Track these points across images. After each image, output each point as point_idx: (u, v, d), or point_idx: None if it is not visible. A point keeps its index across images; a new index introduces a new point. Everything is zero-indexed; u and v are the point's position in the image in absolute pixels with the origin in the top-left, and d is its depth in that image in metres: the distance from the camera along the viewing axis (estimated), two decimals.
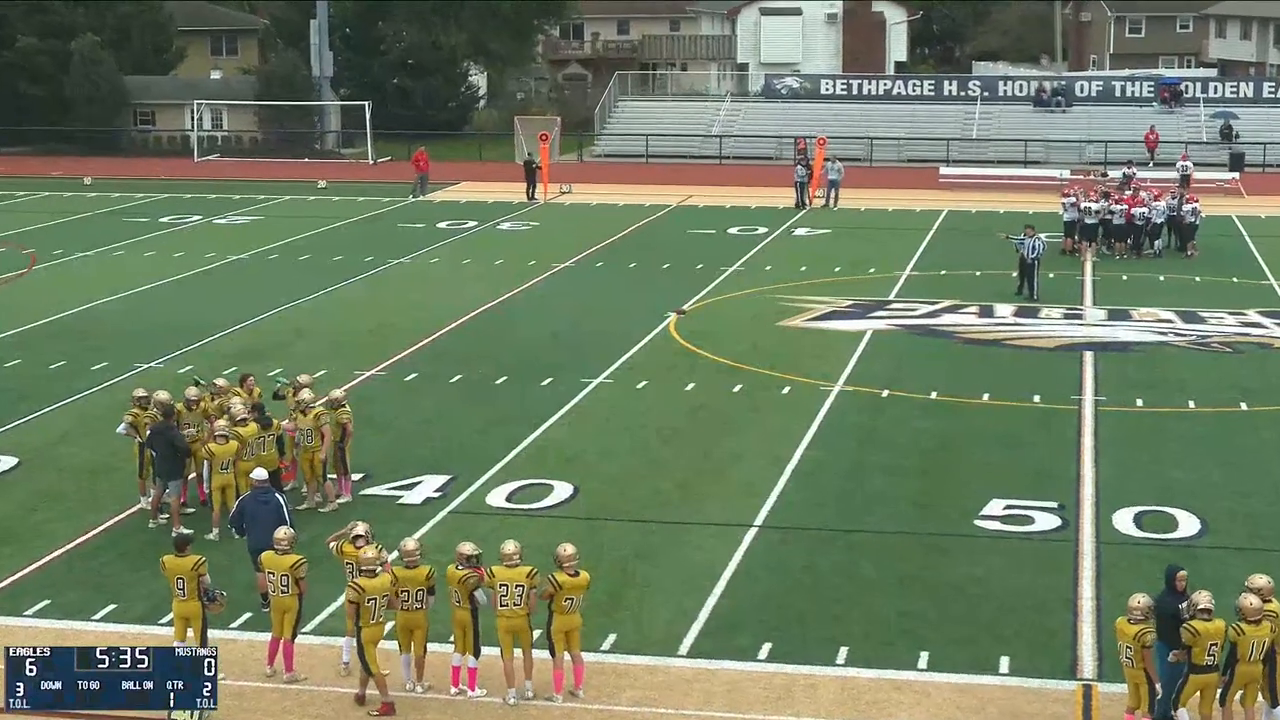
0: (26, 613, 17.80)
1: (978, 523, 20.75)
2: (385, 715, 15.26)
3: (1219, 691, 14.42)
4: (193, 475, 21.15)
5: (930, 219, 49.41)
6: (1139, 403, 26.89)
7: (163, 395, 21.38)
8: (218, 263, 41.70)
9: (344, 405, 21.64)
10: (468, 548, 15.74)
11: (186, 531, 17.45)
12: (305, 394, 21.47)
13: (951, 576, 18.84)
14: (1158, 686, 14.55)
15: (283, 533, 16.19)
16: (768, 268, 40.57)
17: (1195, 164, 58.25)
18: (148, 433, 20.94)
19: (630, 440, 24.64)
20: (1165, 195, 43.41)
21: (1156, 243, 42.19)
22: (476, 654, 15.61)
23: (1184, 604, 14.63)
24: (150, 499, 21.02)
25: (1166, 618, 14.61)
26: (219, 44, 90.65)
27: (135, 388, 22.63)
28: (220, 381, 22.69)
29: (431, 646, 16.09)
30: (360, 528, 16.29)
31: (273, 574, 16.00)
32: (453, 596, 15.59)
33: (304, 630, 16.13)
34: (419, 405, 26.84)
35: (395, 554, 16.05)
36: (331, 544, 16.50)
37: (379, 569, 15.52)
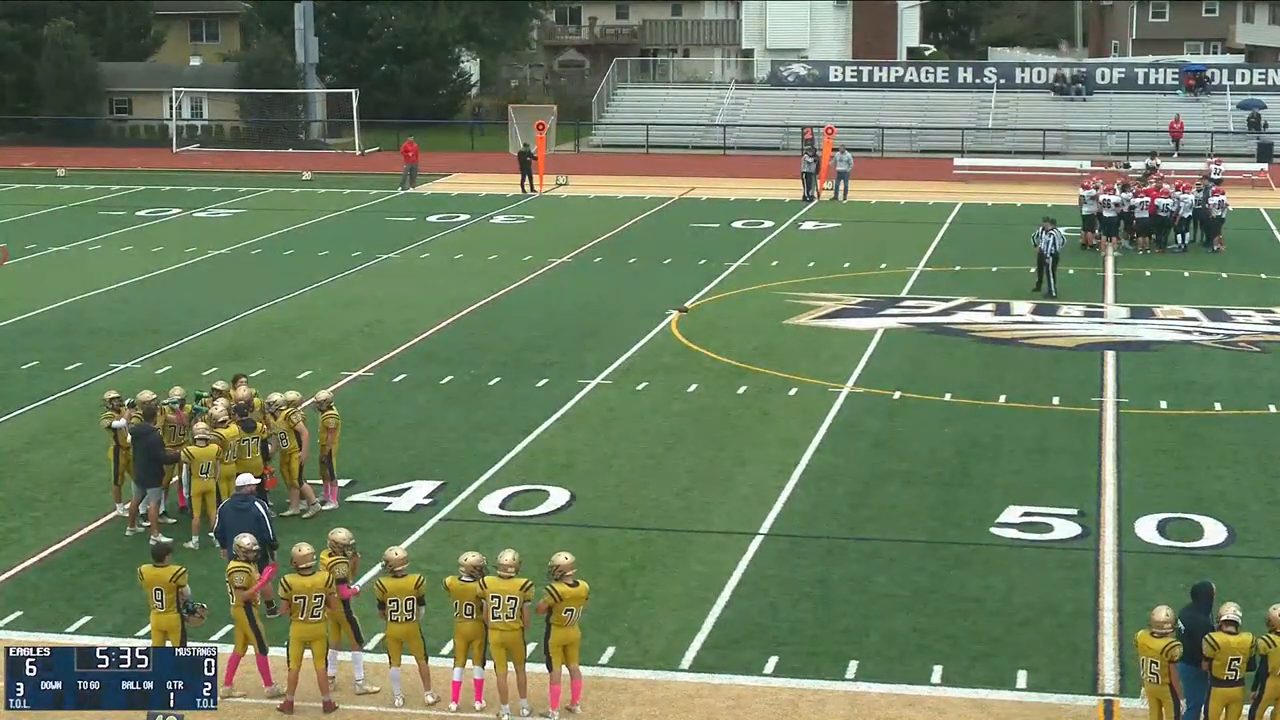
0: None
1: (994, 531, 20.75)
2: (284, 712, 15.50)
3: (1249, 707, 14.41)
4: (173, 480, 21.12)
5: (944, 212, 49.42)
6: (1163, 405, 26.89)
7: (146, 395, 21.36)
8: (198, 258, 41.70)
9: (330, 407, 21.64)
10: (474, 558, 15.76)
11: (165, 540, 17.44)
12: (274, 396, 21.46)
13: (967, 587, 18.83)
14: (1182, 703, 14.54)
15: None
16: (774, 263, 40.57)
17: (1221, 154, 58.33)
18: (127, 436, 20.90)
19: (630, 444, 24.63)
20: (1192, 187, 43.39)
21: (1182, 237, 42.16)
22: (483, 663, 15.65)
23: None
24: (127, 505, 21.02)
25: (1199, 634, 14.54)
26: (199, 29, 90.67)
27: (107, 390, 22.58)
28: (219, 385, 22.52)
29: (412, 661, 16.13)
30: (339, 534, 16.35)
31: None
32: (462, 609, 15.59)
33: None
34: (408, 407, 26.84)
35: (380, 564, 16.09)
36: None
37: (316, 567, 15.68)
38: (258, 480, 19.19)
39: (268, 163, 63.85)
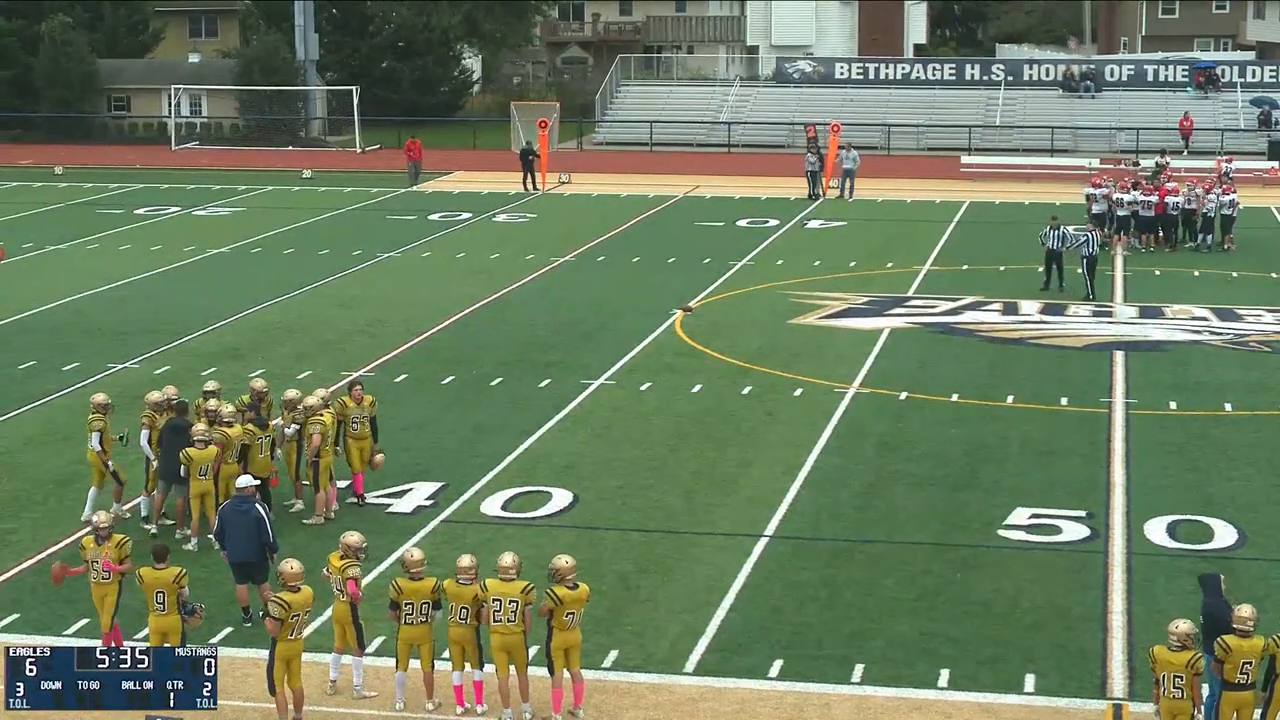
0: None
1: (1002, 533, 20.75)
2: None
3: (1259, 710, 14.40)
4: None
5: (951, 210, 49.41)
6: (1172, 405, 26.88)
7: (171, 390, 21.63)
8: (197, 257, 41.72)
9: (329, 408, 21.64)
10: (467, 560, 15.77)
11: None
12: (291, 392, 21.53)
13: (974, 590, 18.83)
14: (1197, 713, 14.52)
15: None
16: (779, 262, 40.57)
17: (1231, 152, 58.32)
18: (159, 431, 20.92)
19: (633, 445, 24.63)
20: (1213, 186, 43.33)
21: (1206, 237, 42.00)
22: (480, 665, 15.65)
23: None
24: (125, 508, 21.06)
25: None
26: (198, 25, 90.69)
27: (95, 393, 22.44)
28: (210, 385, 22.45)
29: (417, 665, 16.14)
30: (352, 537, 16.33)
31: None
32: (456, 612, 15.61)
33: None
34: (409, 408, 26.83)
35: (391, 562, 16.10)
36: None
37: (301, 585, 15.46)
38: (258, 481, 19.20)
39: (267, 161, 63.87)
